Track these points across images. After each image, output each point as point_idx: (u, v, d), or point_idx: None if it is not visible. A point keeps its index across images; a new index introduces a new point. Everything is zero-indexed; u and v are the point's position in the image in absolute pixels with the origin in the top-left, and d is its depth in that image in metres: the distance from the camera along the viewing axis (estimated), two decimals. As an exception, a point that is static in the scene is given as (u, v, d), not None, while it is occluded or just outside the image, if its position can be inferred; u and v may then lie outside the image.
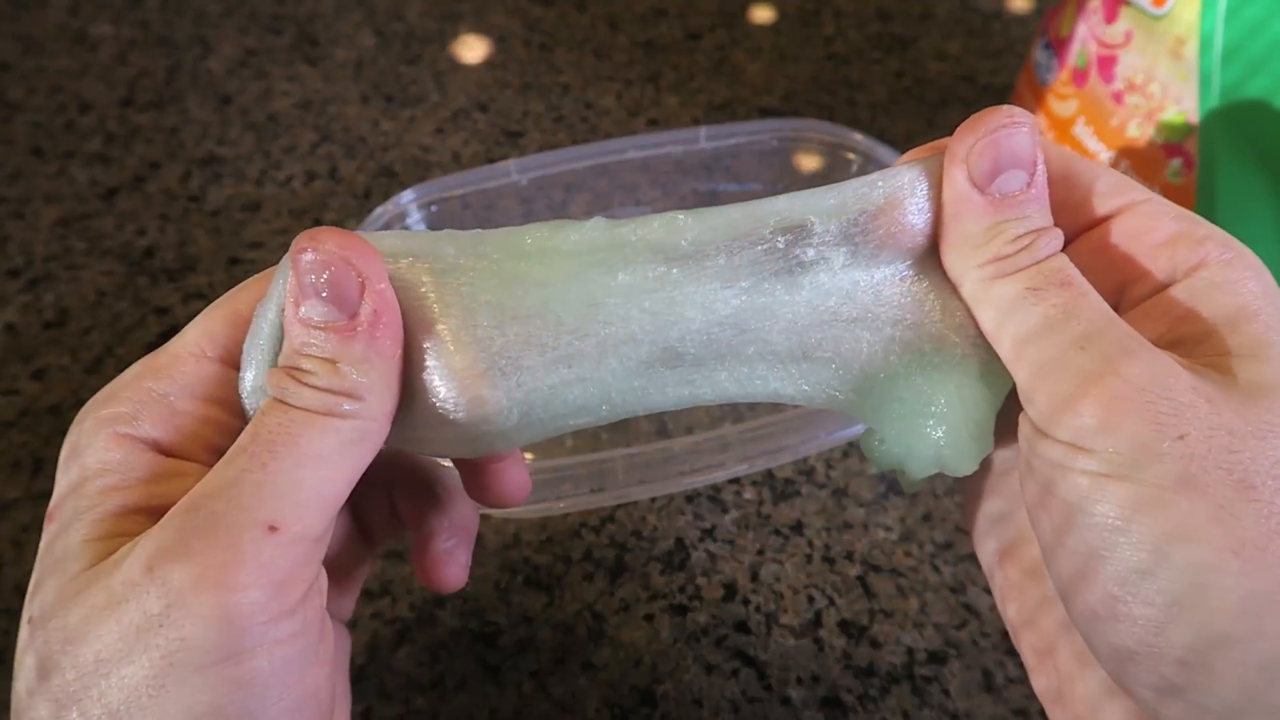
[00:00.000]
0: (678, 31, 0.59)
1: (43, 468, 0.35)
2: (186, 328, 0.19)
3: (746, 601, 0.33)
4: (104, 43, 0.56)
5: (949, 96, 0.55)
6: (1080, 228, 0.18)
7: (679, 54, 0.57)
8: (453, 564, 0.24)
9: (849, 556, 0.34)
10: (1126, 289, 0.18)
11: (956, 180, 0.18)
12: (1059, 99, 0.43)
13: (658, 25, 0.59)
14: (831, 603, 0.33)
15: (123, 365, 0.39)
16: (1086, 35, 0.41)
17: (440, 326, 0.19)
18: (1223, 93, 0.35)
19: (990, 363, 0.19)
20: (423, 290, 0.19)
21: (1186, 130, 0.36)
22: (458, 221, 0.40)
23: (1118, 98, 0.39)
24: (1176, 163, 0.37)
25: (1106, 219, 0.18)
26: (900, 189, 0.19)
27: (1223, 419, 0.15)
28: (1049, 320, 0.16)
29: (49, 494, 0.35)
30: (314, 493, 0.17)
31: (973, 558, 0.34)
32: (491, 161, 0.49)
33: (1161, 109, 0.37)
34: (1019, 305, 0.17)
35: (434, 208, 0.38)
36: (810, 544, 0.34)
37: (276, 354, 0.18)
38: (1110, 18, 0.39)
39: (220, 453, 0.17)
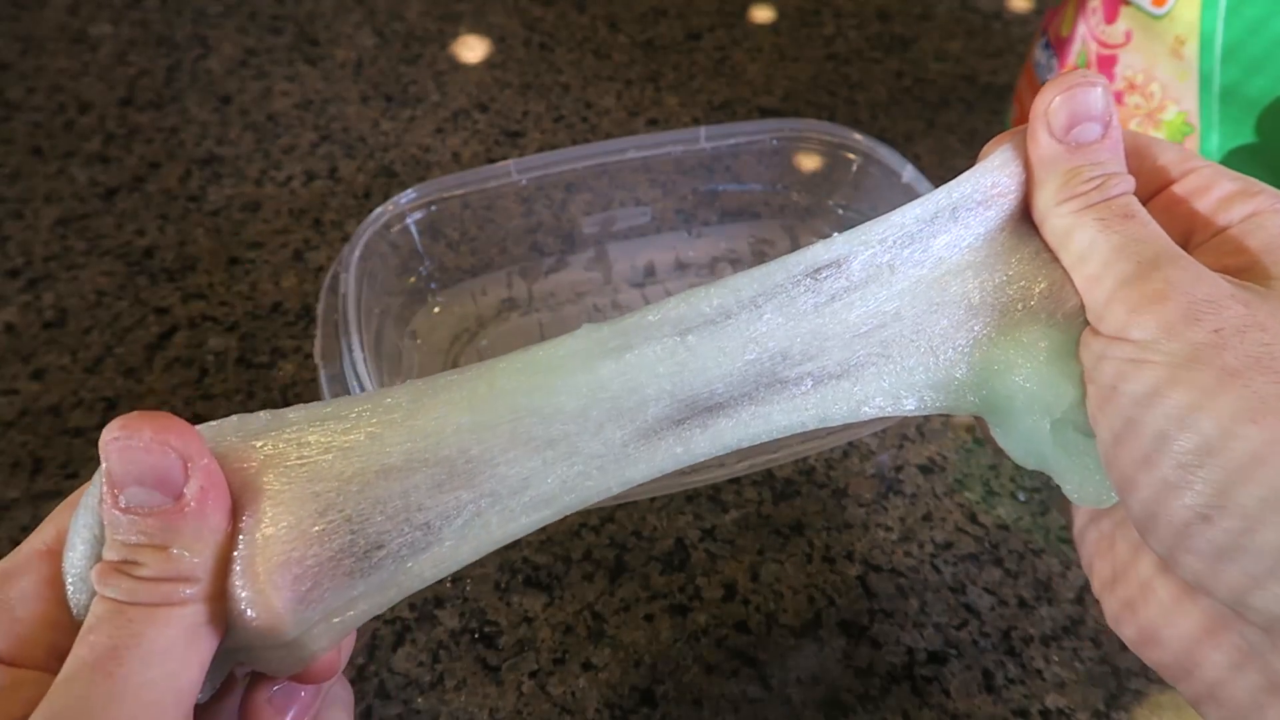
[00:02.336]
0: (678, 31, 0.59)
1: (42, 468, 0.35)
2: (41, 524, 0.18)
3: (746, 601, 0.33)
4: (104, 42, 0.56)
5: (949, 96, 0.55)
6: (1152, 192, 0.21)
7: (679, 54, 0.57)
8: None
9: (849, 556, 0.34)
10: (1191, 237, 0.20)
11: (1038, 133, 0.20)
12: (1059, 99, 0.43)
13: (658, 25, 0.59)
14: (831, 603, 0.33)
15: (122, 365, 0.39)
16: (1086, 35, 0.41)
17: (264, 523, 0.18)
18: (1223, 93, 0.35)
19: (1056, 311, 0.20)
20: (256, 480, 0.18)
21: (1186, 130, 0.36)
22: (458, 221, 0.40)
23: (1118, 98, 0.39)
24: (1176, 163, 0.37)
25: (1174, 182, 0.21)
26: (974, 190, 0.21)
27: (1257, 319, 0.17)
28: (1110, 242, 0.19)
29: (49, 494, 0.35)
30: (168, 689, 0.16)
31: (972, 557, 0.34)
32: (491, 161, 0.49)
33: (1162, 109, 0.37)
34: (1087, 231, 0.19)
35: (434, 207, 0.38)
36: (810, 544, 0.34)
37: (101, 543, 0.17)
38: (1110, 17, 0.39)
39: (64, 655, 0.16)
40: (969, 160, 0.55)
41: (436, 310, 0.40)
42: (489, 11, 0.60)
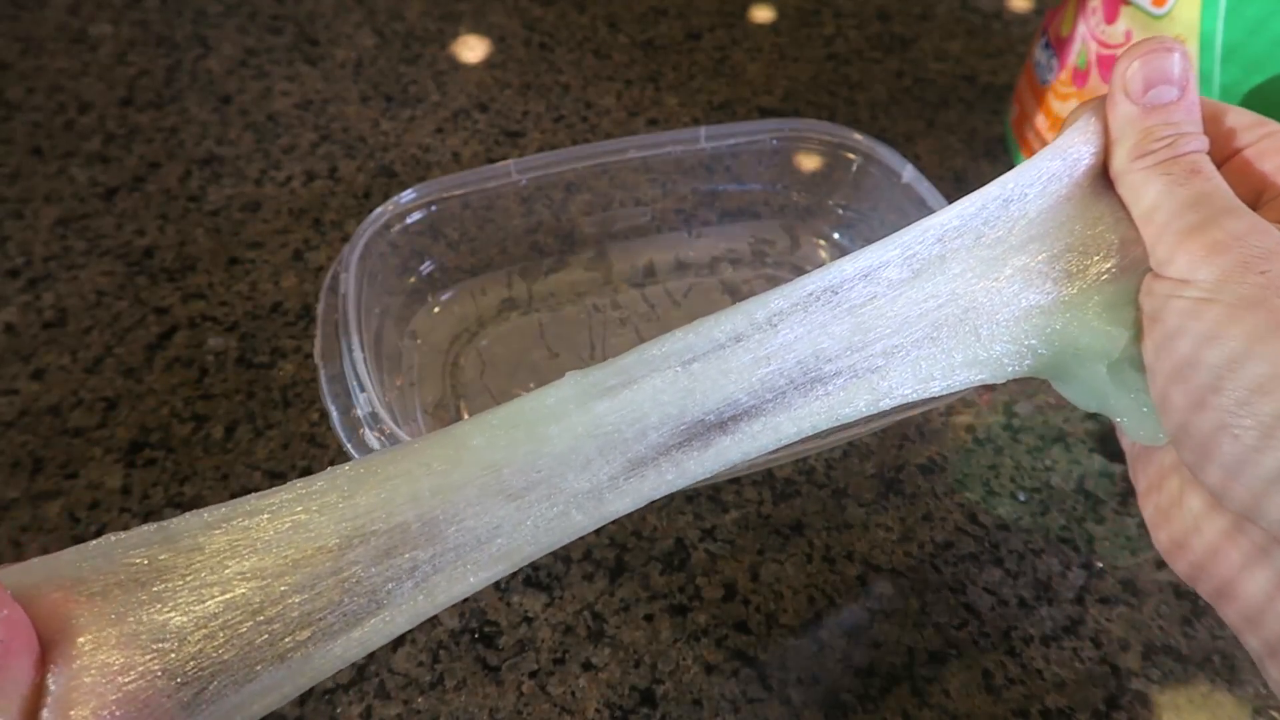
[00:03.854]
0: (678, 31, 0.59)
1: (42, 468, 0.35)
2: None
3: (746, 601, 0.33)
4: (104, 42, 0.56)
5: (949, 96, 0.55)
6: (1227, 154, 0.22)
7: (679, 54, 0.57)
8: None
9: (849, 556, 0.34)
10: (1262, 194, 0.22)
11: (1116, 95, 0.22)
12: (1059, 99, 0.43)
13: (658, 25, 0.59)
14: (831, 603, 0.33)
15: (122, 365, 0.39)
16: (1087, 35, 0.41)
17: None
18: (1222, 93, 0.35)
19: (1116, 267, 0.21)
20: (104, 609, 0.17)
21: (1186, 130, 0.36)
22: (458, 221, 0.40)
23: (1118, 98, 0.39)
24: (1176, 163, 0.37)
25: (1249, 145, 0.22)
26: (1036, 173, 0.22)
27: None
28: (1177, 195, 0.20)
29: (48, 494, 0.35)
30: None
31: (972, 557, 0.34)
32: (491, 161, 0.49)
33: (1161, 109, 0.37)
34: (1157, 185, 0.21)
35: (434, 207, 0.38)
36: (810, 544, 0.34)
37: None
38: (1110, 18, 0.39)
39: None
40: (969, 160, 0.55)
41: (436, 310, 0.40)
42: (489, 11, 0.60)
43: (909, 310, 0.21)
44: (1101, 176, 0.22)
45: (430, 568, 0.19)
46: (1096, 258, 0.22)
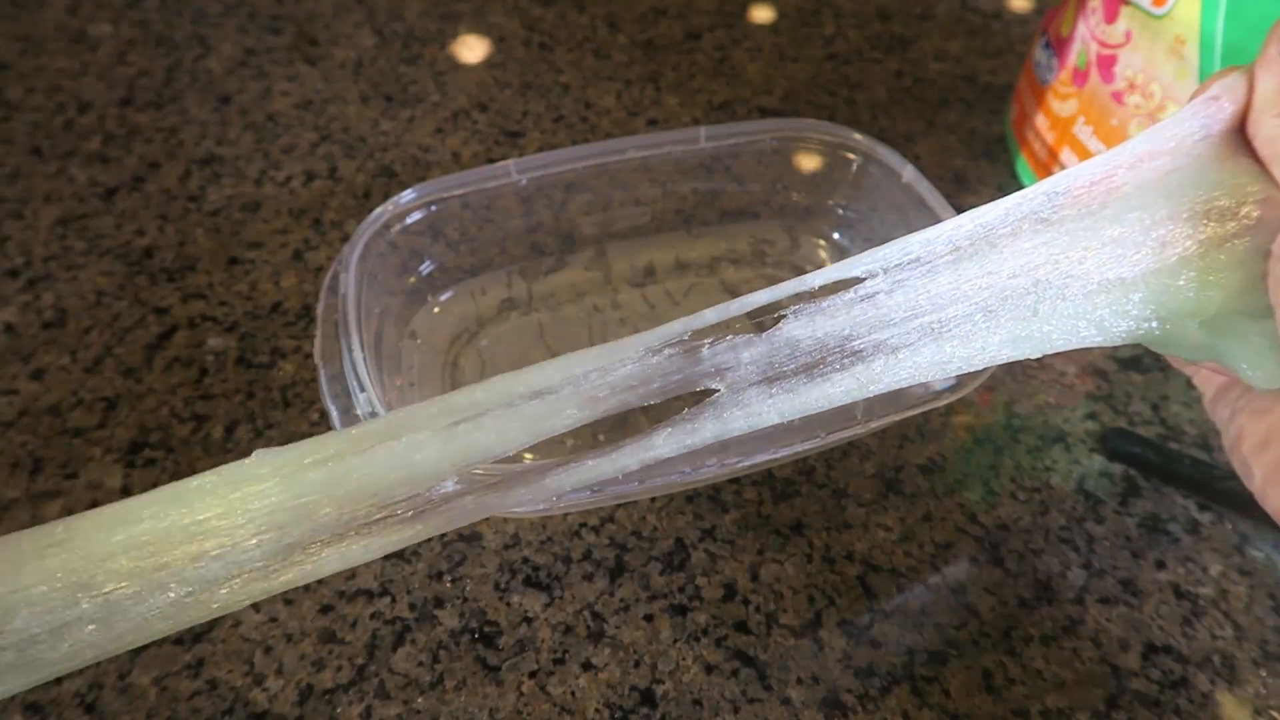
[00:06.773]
0: (678, 31, 0.59)
1: (42, 468, 0.35)
2: None
3: (746, 601, 0.33)
4: (103, 42, 0.56)
5: (949, 96, 0.55)
6: None
7: (679, 54, 0.57)
8: None
9: (849, 556, 0.34)
10: None
11: (1269, 51, 0.21)
12: (1059, 99, 0.43)
13: (658, 25, 0.59)
14: (831, 603, 0.33)
15: (122, 365, 0.39)
16: (1087, 35, 0.41)
17: None
18: (1223, 93, 0.35)
19: (1216, 237, 0.21)
20: None
21: (1186, 130, 0.36)
22: (458, 221, 0.40)
23: (1118, 97, 0.39)
24: (1176, 163, 0.37)
25: None
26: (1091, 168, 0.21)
27: None
28: None
29: (48, 494, 0.35)
30: None
31: (972, 558, 0.34)
32: (491, 161, 0.49)
33: (1162, 109, 0.37)
34: None
35: (434, 207, 0.38)
36: (810, 544, 0.34)
37: None
38: (1110, 17, 0.39)
39: None
40: (969, 160, 0.55)
41: (436, 310, 0.40)
42: (489, 11, 0.60)
43: (952, 289, 0.21)
44: (1227, 144, 0.22)
45: None
46: (1209, 223, 0.21)
